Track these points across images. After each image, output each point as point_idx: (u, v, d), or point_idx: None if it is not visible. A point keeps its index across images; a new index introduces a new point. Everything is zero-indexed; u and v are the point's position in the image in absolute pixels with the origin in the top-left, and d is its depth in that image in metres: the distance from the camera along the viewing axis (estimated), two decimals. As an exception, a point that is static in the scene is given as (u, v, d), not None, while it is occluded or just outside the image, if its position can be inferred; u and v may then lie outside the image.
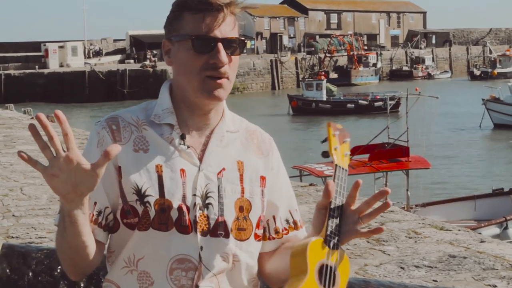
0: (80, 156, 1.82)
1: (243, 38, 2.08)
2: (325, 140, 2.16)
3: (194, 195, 2.03)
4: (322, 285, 1.99)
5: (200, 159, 2.07)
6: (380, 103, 48.63)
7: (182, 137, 2.06)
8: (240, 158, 2.12)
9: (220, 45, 2.02)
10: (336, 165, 2.09)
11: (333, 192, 2.03)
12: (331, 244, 2.02)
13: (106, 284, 2.11)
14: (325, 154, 2.12)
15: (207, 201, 2.05)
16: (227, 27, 2.03)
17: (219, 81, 2.03)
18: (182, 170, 2.04)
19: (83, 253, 1.98)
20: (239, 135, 2.15)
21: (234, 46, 2.05)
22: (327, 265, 2.01)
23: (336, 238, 2.03)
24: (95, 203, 2.02)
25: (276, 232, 2.18)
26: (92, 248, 1.99)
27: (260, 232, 2.14)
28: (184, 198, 2.02)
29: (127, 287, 2.05)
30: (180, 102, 2.09)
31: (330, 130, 2.12)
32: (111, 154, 1.81)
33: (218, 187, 2.06)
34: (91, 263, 2.03)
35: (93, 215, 2.02)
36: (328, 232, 2.03)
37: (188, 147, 2.06)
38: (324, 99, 52.98)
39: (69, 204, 1.88)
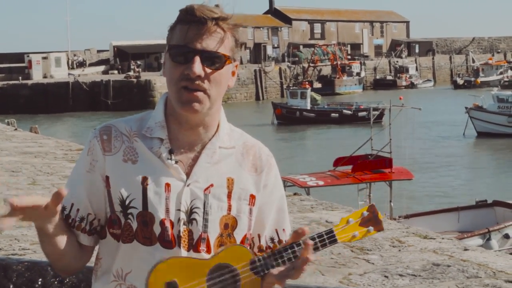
0: (29, 208, 1.85)
1: (226, 54, 2.03)
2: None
3: (179, 210, 2.02)
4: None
5: (188, 175, 2.05)
6: (364, 113, 48.72)
7: (171, 152, 2.04)
8: (231, 175, 2.09)
9: (196, 57, 1.98)
10: (331, 229, 2.09)
11: (299, 238, 2.03)
12: (258, 265, 2.03)
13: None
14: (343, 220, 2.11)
15: (191, 217, 2.03)
16: (210, 41, 2.00)
17: (194, 93, 2.00)
18: (167, 185, 2.02)
19: (63, 258, 2.02)
20: (234, 151, 2.12)
21: (215, 60, 2.01)
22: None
23: (269, 266, 2.03)
24: (78, 209, 2.04)
25: (260, 250, 2.17)
26: (72, 255, 2.02)
27: None
28: (167, 212, 2.01)
29: None
30: (170, 115, 2.08)
31: (366, 208, 2.13)
32: (62, 196, 1.87)
33: (204, 203, 2.04)
34: (75, 265, 2.07)
35: (75, 221, 2.04)
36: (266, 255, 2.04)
37: (176, 162, 2.04)
38: (308, 107, 53.11)
39: (35, 222, 1.94)
